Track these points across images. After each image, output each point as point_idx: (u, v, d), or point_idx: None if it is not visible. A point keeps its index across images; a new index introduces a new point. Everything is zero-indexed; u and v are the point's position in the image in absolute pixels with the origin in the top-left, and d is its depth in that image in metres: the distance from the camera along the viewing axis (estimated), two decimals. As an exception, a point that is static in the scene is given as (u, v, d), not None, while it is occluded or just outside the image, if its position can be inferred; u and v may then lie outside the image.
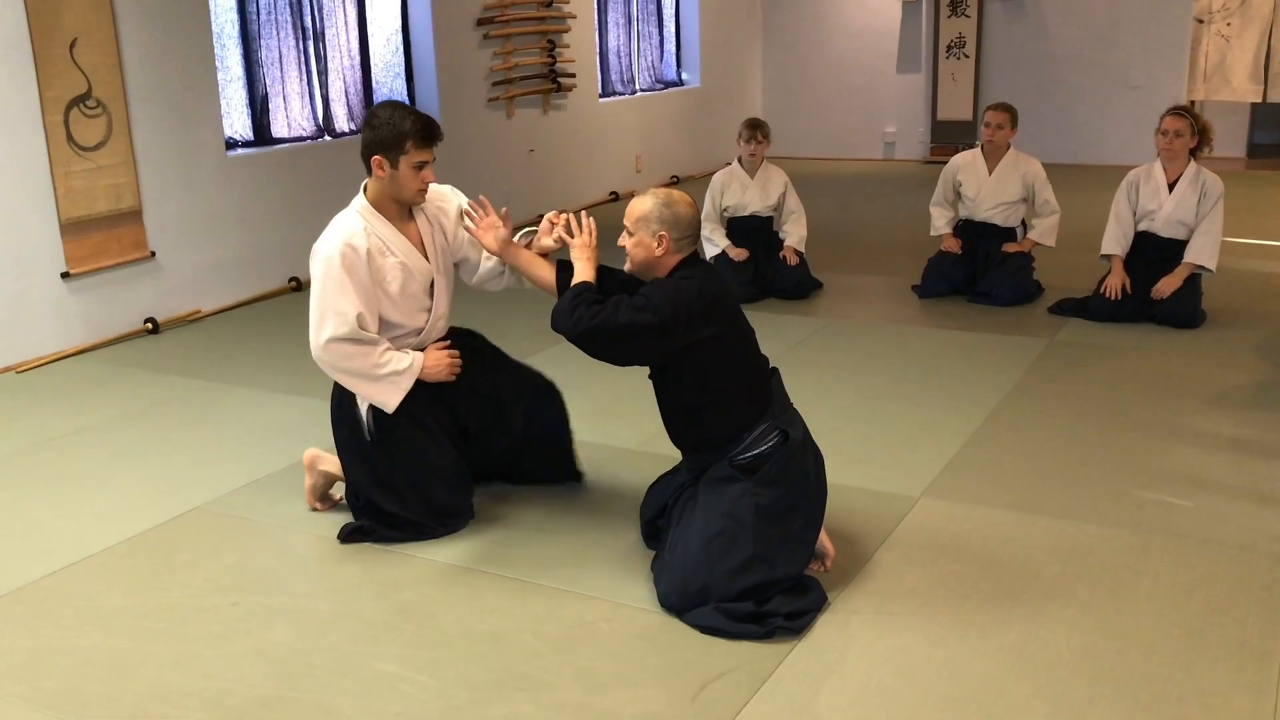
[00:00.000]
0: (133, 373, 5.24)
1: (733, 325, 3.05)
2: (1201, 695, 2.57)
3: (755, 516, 2.92)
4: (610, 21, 9.87)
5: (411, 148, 3.25)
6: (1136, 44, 10.25)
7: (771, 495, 2.95)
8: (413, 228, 3.46)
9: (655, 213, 3.04)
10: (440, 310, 3.52)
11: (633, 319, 2.94)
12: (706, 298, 2.98)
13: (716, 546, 2.92)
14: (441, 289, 3.51)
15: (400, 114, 3.26)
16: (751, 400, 3.04)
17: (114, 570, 3.31)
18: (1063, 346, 5.24)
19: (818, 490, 3.07)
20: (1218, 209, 5.43)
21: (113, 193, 5.68)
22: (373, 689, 2.67)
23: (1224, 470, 3.83)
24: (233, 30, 6.55)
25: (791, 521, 2.97)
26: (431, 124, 3.30)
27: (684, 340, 2.95)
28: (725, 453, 3.01)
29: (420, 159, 3.28)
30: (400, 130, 3.23)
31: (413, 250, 3.41)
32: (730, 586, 2.89)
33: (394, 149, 3.26)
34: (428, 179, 3.34)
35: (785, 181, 6.30)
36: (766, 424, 3.01)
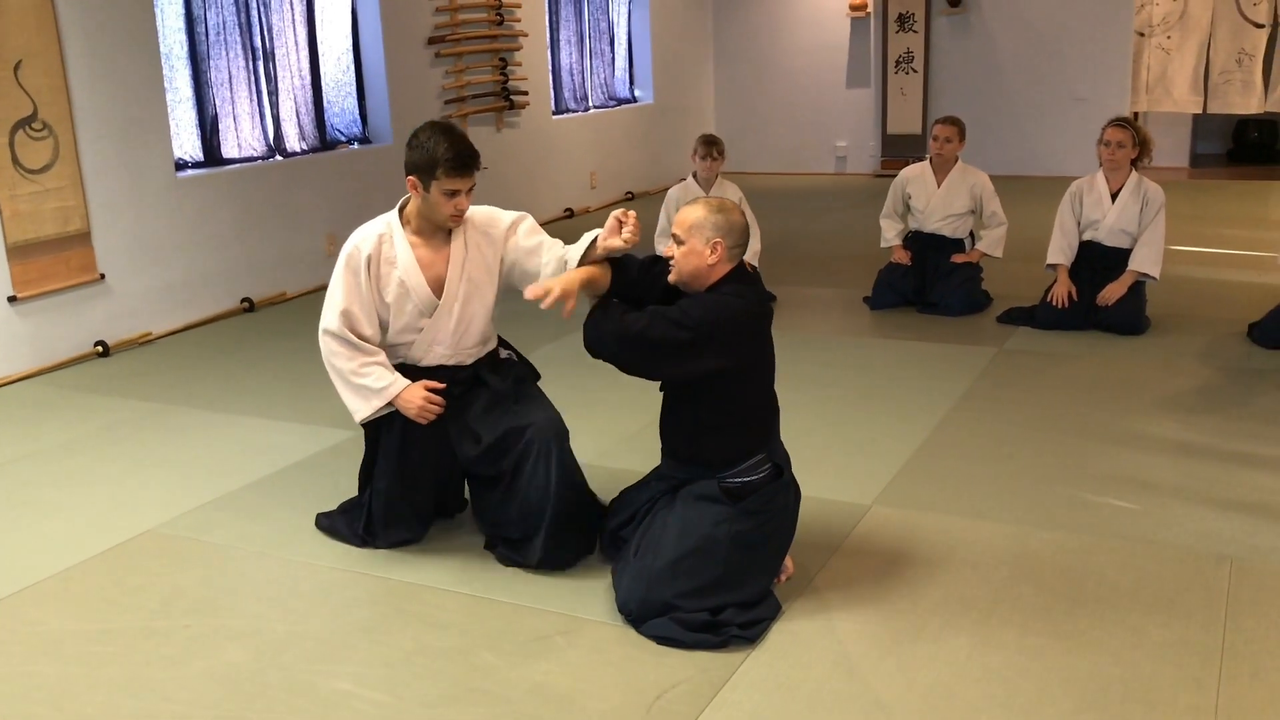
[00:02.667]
0: (83, 396, 5.19)
1: (765, 351, 3.06)
2: (1146, 691, 2.62)
3: (730, 542, 2.94)
4: (562, 39, 9.91)
5: (443, 174, 3.16)
6: (1080, 57, 10.44)
7: (750, 524, 2.97)
8: (444, 251, 3.34)
9: (710, 219, 2.96)
10: (438, 337, 3.36)
11: (667, 334, 2.89)
12: (750, 318, 2.97)
13: (686, 566, 2.94)
14: (455, 316, 3.34)
15: (437, 138, 3.17)
16: (758, 429, 3.05)
17: (64, 595, 3.28)
18: (1011, 355, 5.32)
19: (791, 526, 3.11)
20: (1160, 218, 5.54)
21: (60, 215, 5.62)
22: (328, 708, 2.67)
23: (1169, 473, 3.90)
24: (181, 51, 6.52)
25: (762, 550, 3.01)
26: (465, 154, 3.17)
27: (717, 362, 2.91)
28: (715, 472, 3.02)
29: (452, 186, 3.19)
30: (433, 156, 3.15)
31: (417, 271, 3.30)
32: (691, 604, 2.91)
33: (426, 173, 3.18)
34: (460, 207, 3.24)
35: (740, 197, 6.35)
36: (763, 455, 3.03)
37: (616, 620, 2.99)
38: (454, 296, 3.33)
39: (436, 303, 3.32)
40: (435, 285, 3.33)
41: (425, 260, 3.32)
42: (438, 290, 3.33)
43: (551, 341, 5.61)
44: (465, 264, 3.34)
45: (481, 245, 3.37)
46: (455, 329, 3.36)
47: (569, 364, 4.89)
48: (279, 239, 6.97)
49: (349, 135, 7.77)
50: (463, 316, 3.36)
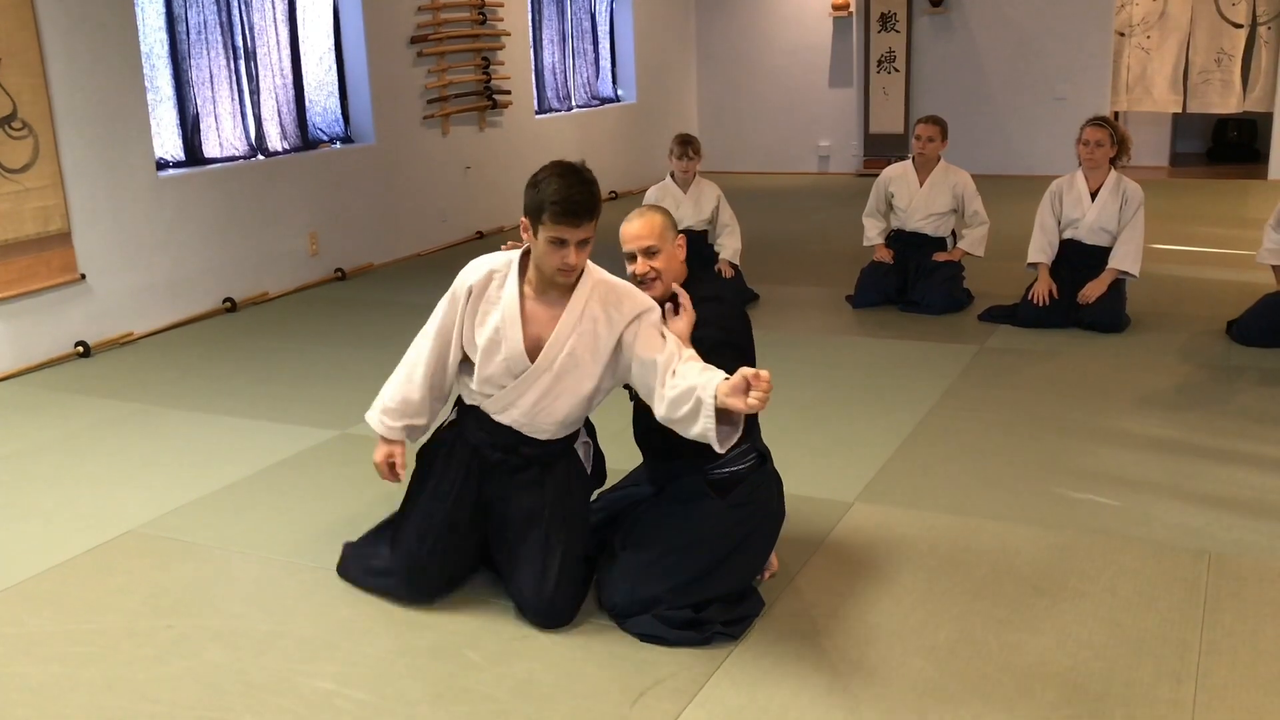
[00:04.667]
0: (64, 397, 5.16)
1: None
2: (1125, 685, 2.64)
3: (716, 538, 2.95)
4: (545, 39, 9.91)
5: (548, 220, 2.76)
6: (1061, 57, 10.49)
7: (736, 518, 2.98)
8: (556, 311, 2.92)
9: (668, 221, 3.03)
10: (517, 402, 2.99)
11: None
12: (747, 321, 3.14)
13: (674, 562, 2.95)
14: (541, 389, 2.96)
15: (551, 178, 2.78)
16: None
17: (44, 596, 3.26)
18: (992, 353, 5.34)
19: (778, 517, 3.13)
20: (1139, 216, 5.58)
21: (41, 215, 5.59)
22: (310, 707, 2.66)
23: (1148, 469, 3.93)
24: (162, 50, 6.49)
25: (748, 545, 3.02)
26: (574, 199, 2.75)
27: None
28: (697, 465, 3.01)
29: (558, 235, 2.77)
30: (540, 197, 2.77)
31: (517, 326, 2.92)
32: (678, 599, 2.92)
33: (535, 215, 2.80)
34: (568, 261, 2.80)
35: (718, 195, 6.37)
36: (747, 444, 3.03)
37: (600, 617, 3.00)
38: (547, 366, 2.92)
39: (528, 366, 2.93)
40: (534, 346, 2.93)
41: (531, 314, 2.93)
42: (534, 352, 2.93)
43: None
44: (574, 335, 2.91)
45: (599, 321, 2.91)
46: (537, 402, 2.97)
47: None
48: (261, 239, 6.95)
49: (331, 135, 7.76)
50: (550, 390, 2.96)
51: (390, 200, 8.03)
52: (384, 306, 6.67)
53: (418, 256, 8.23)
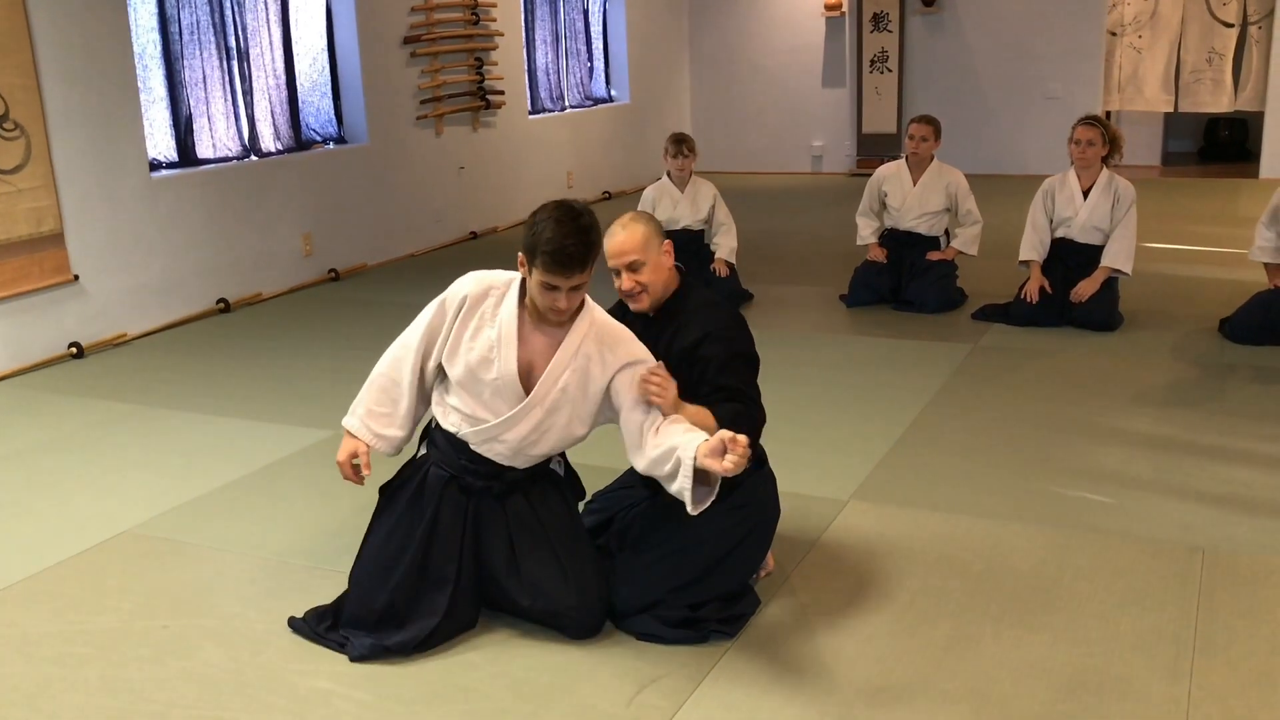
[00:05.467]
0: (57, 398, 5.15)
1: None
2: (1120, 681, 2.65)
3: (715, 539, 2.96)
4: (538, 39, 9.91)
5: (540, 266, 2.71)
6: (1053, 56, 10.52)
7: (734, 519, 2.98)
8: (553, 342, 2.85)
9: (646, 229, 2.93)
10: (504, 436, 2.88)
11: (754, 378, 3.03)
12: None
13: (673, 563, 2.95)
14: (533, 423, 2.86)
15: (549, 222, 2.70)
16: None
17: (39, 597, 3.26)
18: (986, 351, 5.36)
19: (774, 517, 3.14)
20: (1131, 214, 5.60)
21: (33, 216, 5.58)
22: (307, 706, 2.66)
23: (1142, 466, 3.95)
24: (155, 50, 6.48)
25: (746, 544, 3.03)
26: (566, 250, 2.67)
27: None
28: None
29: (549, 281, 2.71)
30: (534, 241, 2.71)
31: (511, 350, 2.83)
32: (675, 601, 2.93)
33: (529, 256, 2.74)
34: (558, 305, 2.75)
35: (714, 194, 6.38)
36: None
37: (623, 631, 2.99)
38: (540, 399, 2.83)
39: (519, 390, 2.83)
40: (525, 372, 2.84)
41: (527, 339, 2.85)
42: (525, 379, 2.84)
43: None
44: (569, 370, 2.83)
45: (593, 360, 2.84)
46: (526, 436, 2.87)
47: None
48: (254, 239, 6.94)
49: (324, 135, 7.75)
50: (540, 425, 2.86)
51: (384, 201, 8.03)
52: (378, 307, 6.67)
53: (412, 257, 8.22)
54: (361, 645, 2.85)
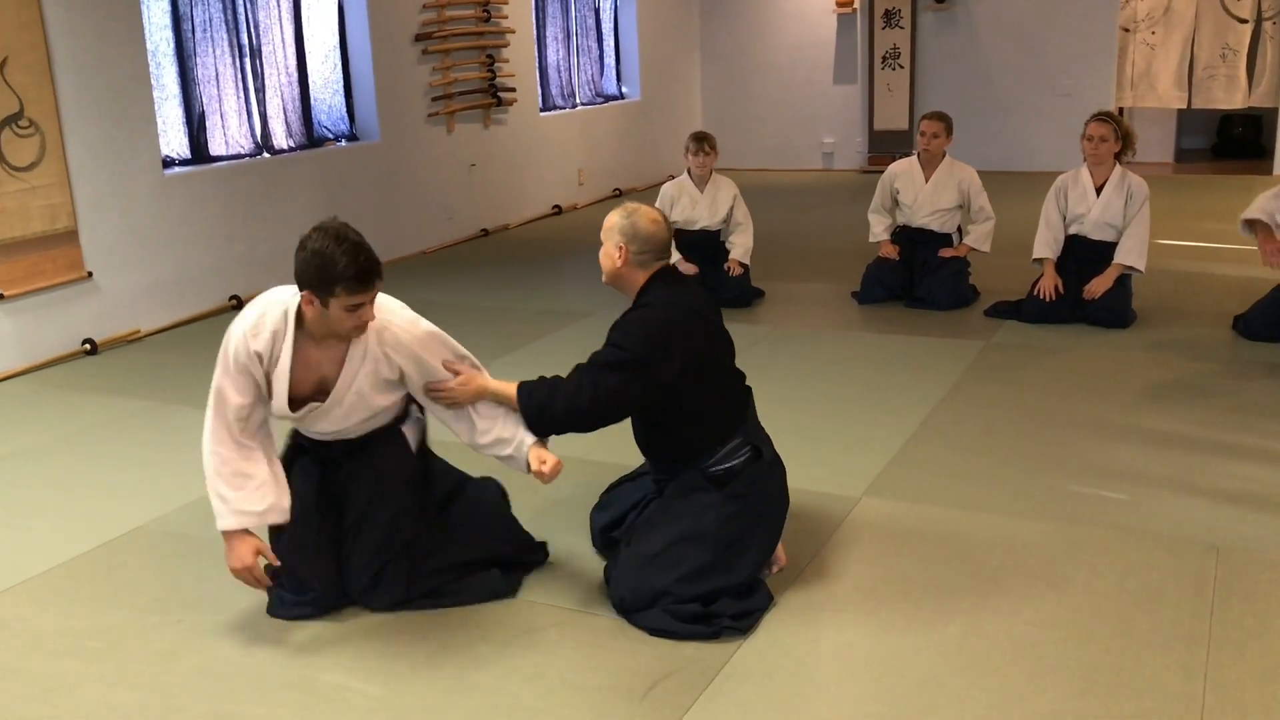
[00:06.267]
0: (71, 394, 5.17)
1: (710, 346, 3.09)
2: (1135, 679, 2.64)
3: (719, 527, 2.97)
4: (549, 36, 9.91)
5: (341, 292, 2.75)
6: (1065, 52, 10.48)
7: (737, 507, 3.00)
8: (336, 353, 2.97)
9: (618, 224, 3.09)
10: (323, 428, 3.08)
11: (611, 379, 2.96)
12: (675, 324, 3.00)
13: (675, 553, 2.97)
14: (335, 418, 3.04)
15: (333, 248, 2.74)
16: (726, 416, 3.08)
17: (55, 592, 3.27)
18: (999, 348, 5.34)
19: (781, 505, 3.14)
20: (1144, 211, 5.58)
21: (47, 213, 5.61)
22: (321, 701, 2.67)
23: (1156, 464, 3.93)
24: (168, 48, 6.50)
25: (752, 534, 3.03)
26: (368, 266, 2.76)
27: (669, 372, 2.95)
28: (697, 465, 3.06)
29: (356, 301, 2.79)
30: (329, 274, 2.74)
31: (284, 381, 2.93)
32: (683, 591, 2.93)
33: (325, 290, 2.76)
34: (365, 318, 2.85)
35: (734, 194, 6.36)
36: (740, 439, 3.07)
37: (609, 612, 3.00)
38: (337, 401, 2.99)
39: (316, 405, 2.98)
40: (320, 387, 2.98)
41: (313, 360, 2.95)
42: (321, 393, 2.98)
43: (540, 339, 5.61)
44: (359, 376, 2.98)
45: (380, 361, 3.00)
46: (338, 423, 3.05)
47: (550, 366, 4.89)
48: (267, 236, 6.96)
49: (336, 132, 7.76)
50: (346, 415, 3.03)
51: (395, 198, 8.04)
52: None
53: (422, 254, 8.23)
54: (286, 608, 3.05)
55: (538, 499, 3.76)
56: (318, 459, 3.17)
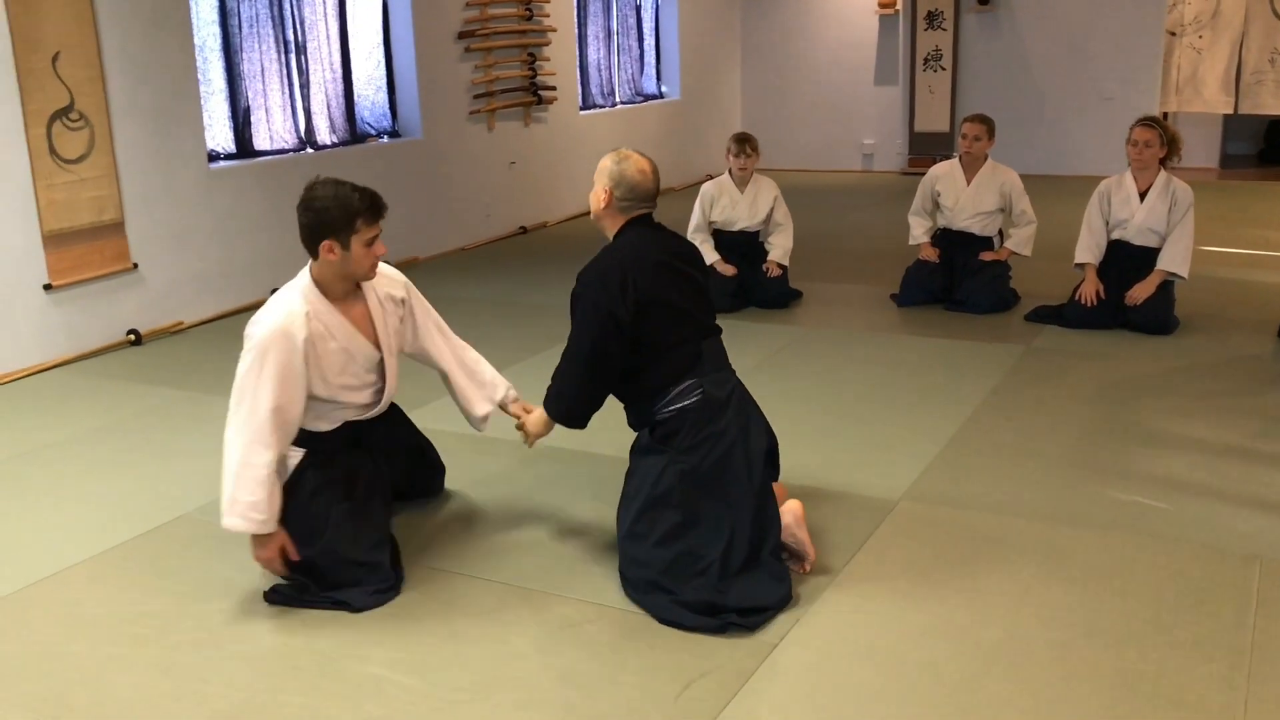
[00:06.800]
0: (115, 384, 5.25)
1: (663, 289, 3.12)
2: (1175, 689, 2.62)
3: (679, 482, 3.02)
4: (590, 35, 9.94)
5: (362, 225, 3.10)
6: (1110, 56, 10.38)
7: (693, 460, 3.03)
8: (360, 308, 3.28)
9: (608, 169, 3.20)
10: (391, 390, 3.40)
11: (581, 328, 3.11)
12: (627, 262, 3.11)
13: (645, 521, 3.04)
14: (392, 369, 3.37)
15: (343, 191, 3.09)
16: (679, 359, 3.12)
17: (98, 578, 3.33)
18: (1039, 353, 5.31)
19: (748, 452, 3.08)
20: (1188, 217, 5.52)
21: (95, 205, 5.69)
22: (359, 691, 2.70)
23: (1197, 472, 3.89)
24: (215, 43, 6.58)
25: (721, 485, 3.03)
26: (378, 196, 3.16)
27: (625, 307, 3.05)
28: (650, 408, 3.13)
29: (371, 235, 3.13)
30: (350, 209, 3.07)
31: (356, 334, 3.24)
32: (661, 555, 2.98)
33: (344, 229, 3.08)
34: (379, 253, 3.19)
35: (775, 194, 6.34)
36: (691, 381, 3.09)
37: (641, 612, 3.01)
38: (389, 347, 3.33)
39: (379, 357, 3.31)
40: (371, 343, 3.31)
41: (355, 322, 3.26)
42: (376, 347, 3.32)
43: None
44: (385, 316, 3.34)
45: (386, 302, 3.39)
46: (392, 380, 3.38)
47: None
48: (309, 231, 7.01)
49: (378, 129, 7.82)
50: (395, 368, 3.38)
51: (435, 195, 8.09)
52: (429, 301, 6.71)
53: (461, 251, 8.28)
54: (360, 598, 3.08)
55: (585, 495, 3.78)
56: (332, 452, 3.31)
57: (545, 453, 4.17)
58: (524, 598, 3.12)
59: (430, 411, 4.44)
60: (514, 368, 5.22)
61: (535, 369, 5.21)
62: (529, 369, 5.22)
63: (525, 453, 4.19)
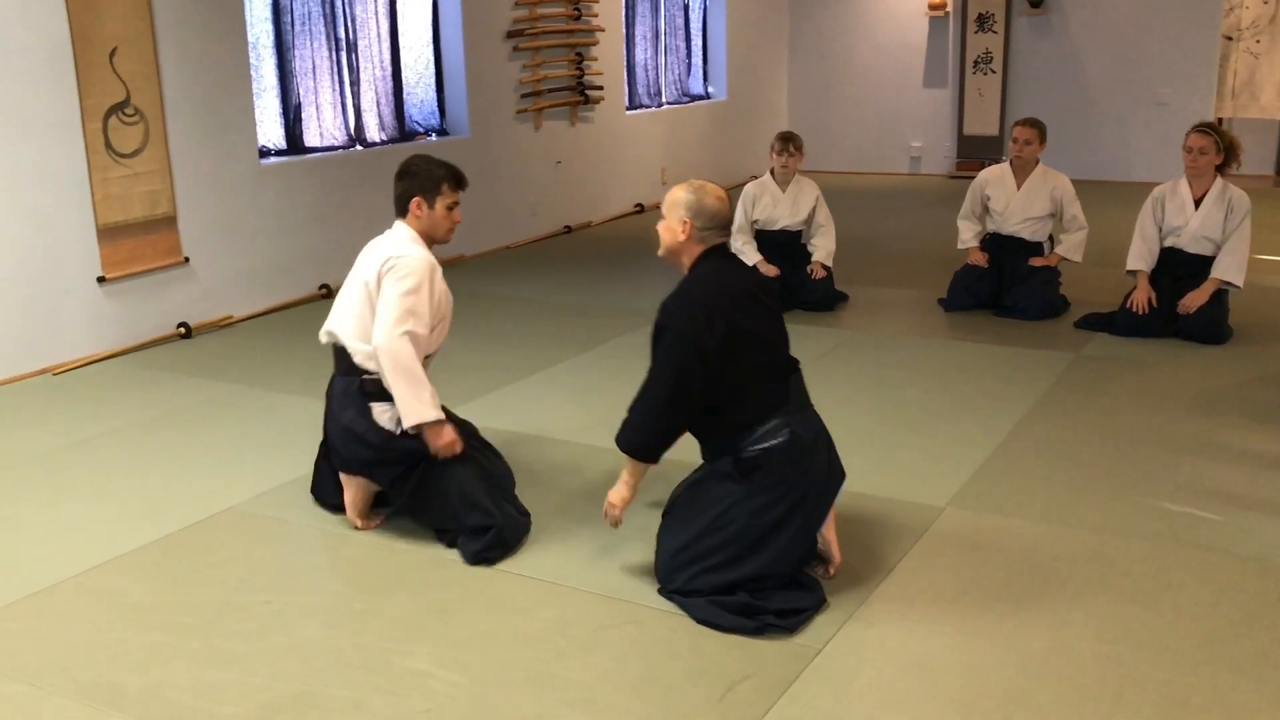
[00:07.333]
0: (166, 376, 5.32)
1: (749, 322, 3.06)
2: (1223, 705, 2.58)
3: (747, 519, 2.98)
4: (638, 35, 9.94)
5: (446, 189, 3.56)
6: (1164, 61, 10.24)
7: (766, 499, 2.99)
8: None
9: (683, 199, 3.14)
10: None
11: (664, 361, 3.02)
12: (715, 296, 3.03)
13: (702, 546, 3.01)
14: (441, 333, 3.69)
15: (434, 162, 3.60)
16: (766, 396, 3.07)
17: (148, 568, 3.37)
18: (1089, 361, 5.24)
19: (821, 494, 3.08)
20: (1245, 225, 5.43)
21: (148, 199, 5.77)
22: (403, 686, 2.71)
23: (1250, 485, 3.83)
24: (268, 40, 6.65)
25: (786, 525, 3.01)
26: (460, 171, 3.64)
27: (712, 339, 2.97)
28: (735, 444, 3.05)
29: (453, 200, 3.58)
30: (437, 175, 3.56)
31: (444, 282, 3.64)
32: (710, 580, 2.97)
33: (431, 192, 3.55)
34: (457, 219, 3.63)
35: (817, 195, 6.32)
36: (779, 420, 3.04)
37: (683, 615, 3.00)
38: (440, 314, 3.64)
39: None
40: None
41: None
42: None
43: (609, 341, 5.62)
44: None
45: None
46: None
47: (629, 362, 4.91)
48: (357, 228, 7.06)
49: (427, 126, 7.87)
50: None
51: (482, 193, 8.11)
52: (472, 298, 6.74)
53: (507, 249, 8.31)
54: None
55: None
56: None
57: (592, 453, 4.18)
58: (567, 597, 3.13)
59: (480, 406, 4.46)
60: (554, 369, 5.24)
61: (577, 369, 5.22)
62: (569, 370, 5.23)
63: (570, 452, 4.20)
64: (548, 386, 4.98)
